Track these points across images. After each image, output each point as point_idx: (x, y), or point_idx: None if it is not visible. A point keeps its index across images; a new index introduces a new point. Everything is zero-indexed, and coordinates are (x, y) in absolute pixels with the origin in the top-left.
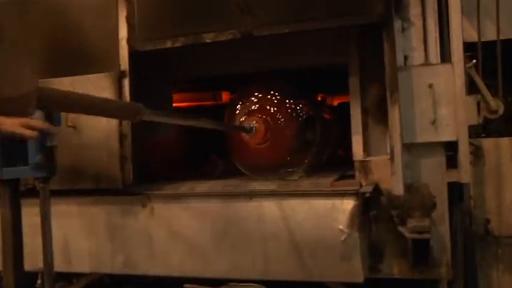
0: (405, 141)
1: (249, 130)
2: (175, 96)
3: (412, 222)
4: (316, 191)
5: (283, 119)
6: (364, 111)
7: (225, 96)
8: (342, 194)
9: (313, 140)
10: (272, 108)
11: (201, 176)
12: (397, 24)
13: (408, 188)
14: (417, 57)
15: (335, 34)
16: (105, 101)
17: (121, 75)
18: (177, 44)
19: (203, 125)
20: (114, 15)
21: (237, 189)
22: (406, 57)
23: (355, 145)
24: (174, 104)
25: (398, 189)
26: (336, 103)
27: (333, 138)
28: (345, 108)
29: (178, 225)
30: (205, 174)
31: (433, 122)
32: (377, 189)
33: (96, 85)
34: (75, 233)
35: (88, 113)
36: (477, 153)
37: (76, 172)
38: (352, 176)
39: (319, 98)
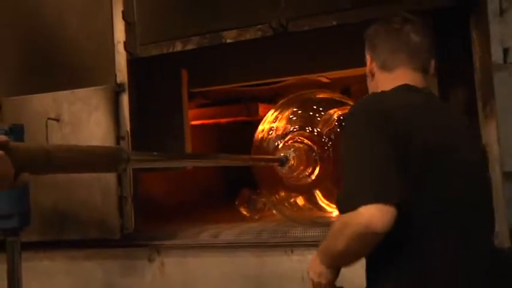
0: (506, 168)
1: (283, 162)
2: (197, 112)
3: None
4: None
5: (332, 144)
6: None
7: (263, 109)
8: None
9: None
10: (317, 129)
11: (230, 216)
12: (493, 4)
13: None
14: None
15: None
16: (69, 149)
17: (118, 90)
18: (190, 47)
19: (218, 163)
20: (106, 12)
21: (273, 237)
22: (506, 51)
23: None
24: (195, 122)
25: (502, 238)
26: None
27: None
28: None
29: (196, 285)
30: (235, 212)
31: None
32: None
33: (86, 102)
34: None
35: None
36: None
37: (62, 218)
38: None
39: None
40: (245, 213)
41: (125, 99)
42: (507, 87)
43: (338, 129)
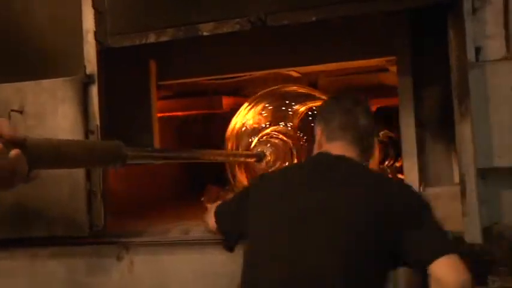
0: (479, 165)
1: (261, 157)
2: (159, 104)
3: (496, 282)
4: None
5: (307, 139)
6: (420, 125)
7: (227, 101)
8: None
9: None
10: (290, 124)
11: (197, 211)
12: (467, 3)
13: (486, 232)
14: (495, 48)
15: (378, 21)
16: (78, 144)
17: (87, 81)
18: (164, 38)
19: (203, 157)
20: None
21: None
22: (478, 50)
23: (408, 172)
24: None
25: (474, 235)
26: (374, 108)
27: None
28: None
29: (167, 284)
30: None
31: None
32: None
33: (52, 94)
34: None
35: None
36: None
37: (25, 214)
38: None
39: None
40: None
41: (94, 91)
42: (479, 85)
43: (312, 124)
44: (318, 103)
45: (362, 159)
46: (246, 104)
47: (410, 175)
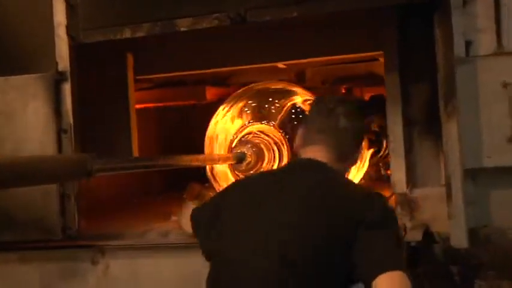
0: (468, 166)
1: (241, 159)
2: (138, 95)
3: (482, 286)
4: None
5: (289, 137)
6: (408, 123)
7: (211, 92)
8: None
9: None
10: (273, 122)
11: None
12: None
13: (474, 235)
14: (486, 43)
15: (364, 16)
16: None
17: (59, 78)
18: (140, 34)
19: (178, 164)
20: None
21: None
22: (468, 44)
23: (395, 171)
24: (137, 106)
25: (460, 239)
26: (367, 96)
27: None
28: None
29: None
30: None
31: (511, 138)
32: (428, 235)
33: (22, 92)
34: None
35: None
36: None
37: None
38: None
39: (343, 90)
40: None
41: (66, 88)
42: (469, 81)
43: (295, 122)
44: (302, 99)
45: (339, 165)
46: (225, 104)
47: (398, 175)
